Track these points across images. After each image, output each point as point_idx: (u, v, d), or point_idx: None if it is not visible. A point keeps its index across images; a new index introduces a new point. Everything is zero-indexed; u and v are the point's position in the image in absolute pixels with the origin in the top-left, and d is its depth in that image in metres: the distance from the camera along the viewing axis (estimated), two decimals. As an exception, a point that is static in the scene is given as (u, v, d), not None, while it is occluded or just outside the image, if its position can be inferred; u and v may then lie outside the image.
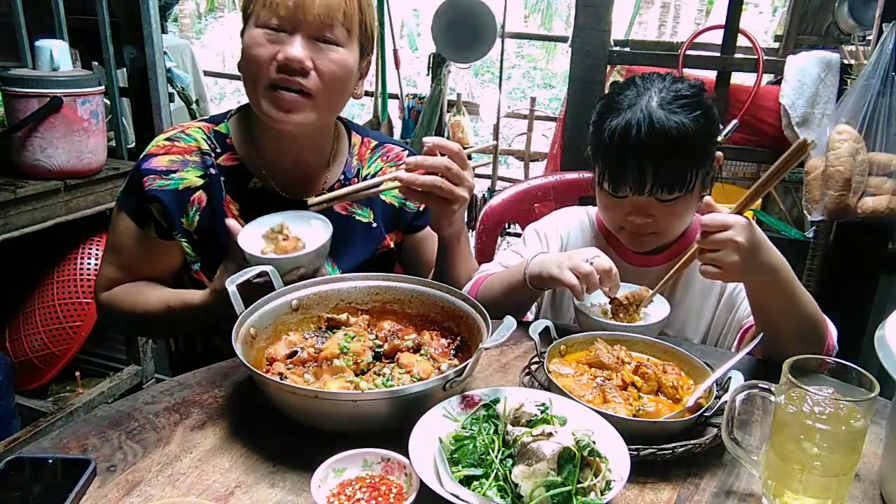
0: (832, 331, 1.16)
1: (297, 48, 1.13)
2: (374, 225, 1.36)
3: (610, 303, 1.20)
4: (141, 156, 1.28)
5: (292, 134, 1.23)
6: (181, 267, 1.30)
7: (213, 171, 1.27)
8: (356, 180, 1.35)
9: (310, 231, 1.18)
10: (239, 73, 1.21)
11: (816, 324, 1.12)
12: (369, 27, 1.22)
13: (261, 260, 1.10)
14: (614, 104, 1.26)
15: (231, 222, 1.14)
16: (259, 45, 1.15)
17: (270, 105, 1.16)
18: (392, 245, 1.39)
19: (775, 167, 1.06)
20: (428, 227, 1.40)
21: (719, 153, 1.31)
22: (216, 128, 1.30)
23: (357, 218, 1.34)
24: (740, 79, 2.37)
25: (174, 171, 1.25)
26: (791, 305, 1.09)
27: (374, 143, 1.41)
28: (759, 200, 3.46)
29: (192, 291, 1.23)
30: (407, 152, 1.42)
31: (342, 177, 1.34)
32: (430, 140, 1.15)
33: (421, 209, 1.40)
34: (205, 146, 1.28)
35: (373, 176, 1.37)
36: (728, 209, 1.09)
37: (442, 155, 1.15)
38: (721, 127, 2.18)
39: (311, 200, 1.19)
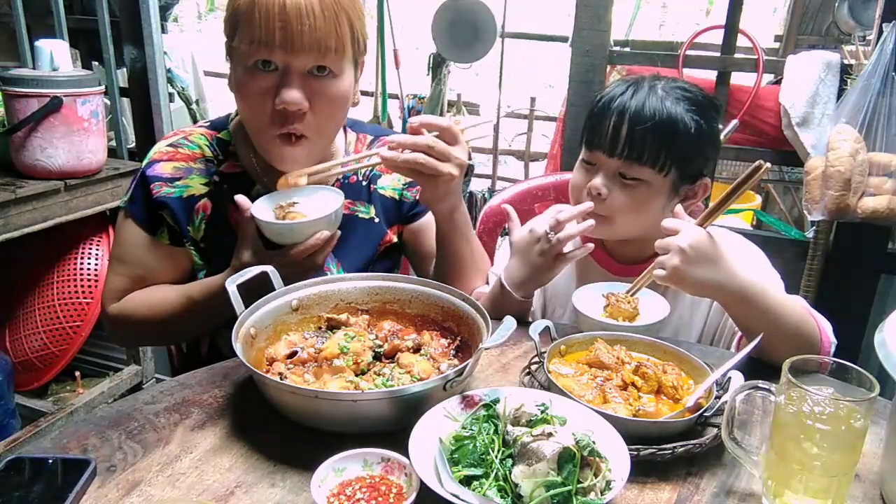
0: (825, 327, 1.15)
1: (291, 92, 1.11)
2: (377, 220, 1.36)
3: (605, 307, 1.20)
4: (144, 162, 1.27)
5: None
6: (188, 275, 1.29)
7: (216, 178, 1.26)
8: (354, 178, 1.35)
9: (319, 202, 1.18)
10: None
11: (802, 329, 1.11)
12: (361, 39, 1.19)
13: (275, 227, 1.10)
14: (612, 88, 1.29)
15: (240, 197, 1.13)
16: (252, 93, 1.13)
17: (275, 157, 1.19)
18: (395, 239, 1.39)
19: (735, 185, 1.09)
20: (425, 217, 1.39)
21: (707, 180, 1.30)
22: (218, 135, 1.30)
23: (359, 215, 1.34)
24: (740, 79, 2.37)
25: (178, 179, 1.24)
26: (767, 319, 1.08)
27: (370, 138, 1.40)
28: (760, 201, 3.48)
29: (212, 277, 1.20)
30: None
31: (341, 176, 1.34)
32: (415, 119, 1.14)
33: (417, 198, 1.39)
34: (208, 153, 1.27)
35: (371, 171, 1.37)
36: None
37: (432, 131, 1.13)
38: (721, 128, 2.19)
39: (290, 177, 1.17)
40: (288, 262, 1.12)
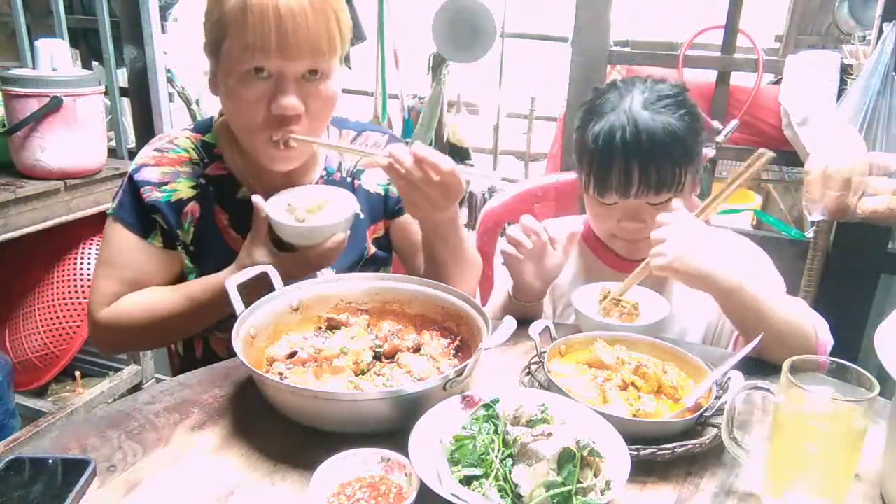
0: (822, 327, 1.15)
1: (289, 98, 1.11)
2: (362, 216, 1.36)
3: (608, 305, 1.20)
4: (131, 167, 1.26)
5: None
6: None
7: (202, 181, 1.26)
8: (338, 175, 1.35)
9: (333, 206, 1.18)
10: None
11: (793, 329, 1.11)
12: (347, 35, 1.17)
13: (296, 229, 1.11)
14: (596, 108, 1.27)
15: (256, 198, 1.15)
16: (246, 101, 1.12)
17: (269, 159, 1.18)
18: (382, 231, 1.39)
19: (735, 176, 1.11)
20: None
21: (707, 150, 1.33)
22: (203, 138, 1.30)
23: None
24: (740, 79, 2.36)
25: (166, 183, 1.24)
26: (755, 315, 1.09)
27: (352, 133, 1.40)
28: (760, 201, 3.48)
29: (213, 275, 1.19)
30: (387, 137, 1.40)
31: (324, 172, 1.34)
32: (419, 150, 1.07)
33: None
34: (194, 156, 1.27)
35: (354, 167, 1.37)
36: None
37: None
38: (718, 126, 2.19)
39: (295, 138, 1.16)
40: (301, 262, 1.15)
